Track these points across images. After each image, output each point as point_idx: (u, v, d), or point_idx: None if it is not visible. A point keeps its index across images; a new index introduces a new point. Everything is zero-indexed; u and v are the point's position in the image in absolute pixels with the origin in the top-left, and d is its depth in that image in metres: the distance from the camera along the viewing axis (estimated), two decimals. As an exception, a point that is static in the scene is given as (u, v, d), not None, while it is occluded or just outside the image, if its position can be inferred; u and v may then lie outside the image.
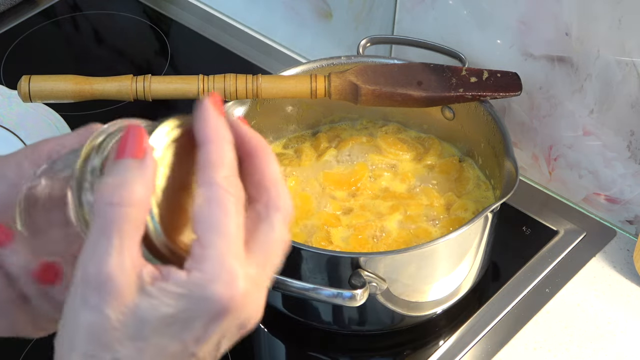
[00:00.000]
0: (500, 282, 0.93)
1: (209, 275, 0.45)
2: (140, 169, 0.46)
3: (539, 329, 0.89)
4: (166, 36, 1.20)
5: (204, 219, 0.46)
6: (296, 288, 0.78)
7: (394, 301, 0.83)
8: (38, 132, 1.02)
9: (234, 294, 0.45)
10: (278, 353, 0.93)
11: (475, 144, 0.95)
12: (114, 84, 0.87)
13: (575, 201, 1.00)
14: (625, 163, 0.92)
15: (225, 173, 0.46)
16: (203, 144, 0.47)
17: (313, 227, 0.89)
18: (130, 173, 0.45)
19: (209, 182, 0.46)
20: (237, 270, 0.45)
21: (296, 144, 0.99)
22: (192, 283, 0.45)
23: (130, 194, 0.45)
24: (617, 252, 0.96)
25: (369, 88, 0.89)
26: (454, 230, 0.80)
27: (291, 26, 1.16)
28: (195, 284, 0.45)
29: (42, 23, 1.22)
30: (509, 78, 0.91)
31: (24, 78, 0.87)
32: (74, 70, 0.90)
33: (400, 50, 1.05)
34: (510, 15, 0.91)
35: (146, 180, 0.46)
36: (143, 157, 0.46)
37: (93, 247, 0.45)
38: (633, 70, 0.85)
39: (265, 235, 0.48)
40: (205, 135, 0.47)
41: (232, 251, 0.46)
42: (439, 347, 0.88)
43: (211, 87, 0.87)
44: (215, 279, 0.45)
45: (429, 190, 0.93)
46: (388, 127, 1.00)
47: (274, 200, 0.48)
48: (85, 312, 0.45)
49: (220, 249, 0.45)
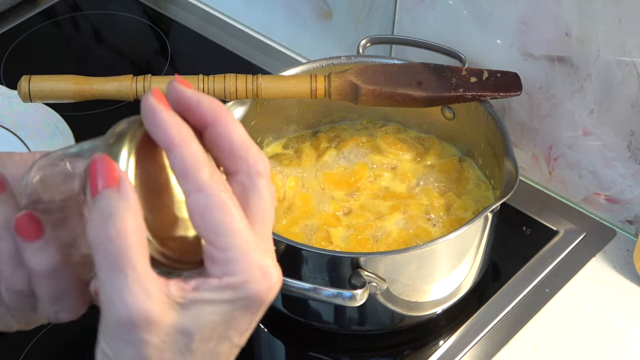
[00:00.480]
0: (500, 282, 0.93)
1: (243, 277, 0.46)
2: (122, 197, 0.45)
3: (539, 329, 0.89)
4: (166, 36, 1.20)
5: (211, 225, 0.45)
6: (296, 288, 0.78)
7: (394, 301, 0.83)
8: (38, 132, 1.02)
9: (271, 286, 0.46)
10: (278, 353, 0.93)
11: (475, 144, 0.95)
12: (114, 84, 0.87)
13: (575, 201, 1.00)
14: (625, 163, 0.92)
15: (207, 172, 0.46)
16: (170, 149, 0.46)
17: (313, 227, 0.89)
18: (114, 204, 0.44)
19: (199, 188, 0.45)
20: (266, 263, 0.46)
21: (296, 144, 0.99)
22: (229, 287, 0.46)
23: (123, 224, 0.44)
24: (617, 252, 0.96)
25: (369, 88, 0.89)
26: (454, 230, 0.80)
27: (291, 26, 1.16)
28: (232, 288, 0.46)
29: (42, 23, 1.22)
30: (509, 78, 0.91)
31: (24, 78, 0.87)
32: (74, 70, 0.90)
33: (400, 50, 1.05)
34: (510, 15, 0.91)
35: (132, 206, 0.45)
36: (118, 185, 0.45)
37: (112, 286, 0.44)
38: (633, 70, 0.85)
39: (259, 206, 0.48)
40: (170, 142, 0.46)
41: (251, 246, 0.46)
42: (439, 347, 0.88)
43: (211, 87, 0.87)
44: (250, 278, 0.46)
45: (429, 190, 0.93)
46: (388, 127, 1.00)
47: (253, 166, 0.47)
48: (129, 349, 0.45)
49: (241, 248, 0.45)
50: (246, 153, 0.47)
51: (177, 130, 0.46)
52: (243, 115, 0.92)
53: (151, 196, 0.47)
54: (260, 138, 0.97)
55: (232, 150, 0.47)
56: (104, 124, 0.51)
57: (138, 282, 0.44)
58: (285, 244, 0.79)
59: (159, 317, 0.44)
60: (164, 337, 0.45)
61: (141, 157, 0.47)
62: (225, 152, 0.47)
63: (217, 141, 0.48)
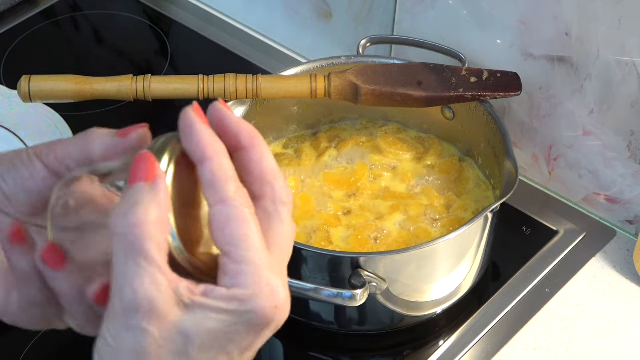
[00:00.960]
0: (500, 282, 0.93)
1: (251, 290, 0.46)
2: (153, 191, 0.46)
3: (539, 329, 0.89)
4: (166, 36, 1.20)
5: (229, 237, 0.46)
6: (296, 288, 0.78)
7: (394, 301, 0.83)
8: (38, 132, 1.02)
9: (278, 305, 0.47)
10: (277, 353, 0.93)
11: (475, 144, 0.95)
12: (114, 84, 0.87)
13: (575, 201, 1.00)
14: (625, 163, 0.92)
15: (234, 187, 0.47)
16: (202, 162, 0.47)
17: (313, 227, 0.89)
18: (143, 195, 0.46)
19: (223, 200, 0.46)
20: (276, 282, 0.47)
21: (296, 144, 0.99)
22: (236, 298, 0.46)
23: (145, 214, 0.45)
24: (617, 252, 0.96)
25: (369, 88, 0.89)
26: (454, 230, 0.80)
27: (291, 26, 1.16)
28: (239, 299, 0.46)
29: (42, 23, 1.22)
30: (509, 78, 0.91)
31: (24, 78, 0.86)
32: (74, 70, 0.90)
33: (400, 50, 1.05)
34: (510, 15, 0.91)
35: (160, 199, 0.46)
36: (154, 180, 0.46)
37: (123, 273, 0.45)
38: (633, 70, 0.85)
39: (279, 232, 0.49)
40: (202, 154, 0.47)
41: (264, 263, 0.47)
42: (439, 347, 0.88)
43: (211, 87, 0.87)
44: (258, 293, 0.46)
45: (429, 190, 0.93)
46: (388, 127, 1.00)
47: (279, 194, 0.49)
48: (129, 336, 0.45)
49: (254, 263, 0.46)
50: (274, 180, 0.49)
51: (211, 144, 0.47)
52: (243, 115, 0.92)
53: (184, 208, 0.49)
54: (260, 138, 0.97)
55: (261, 176, 0.49)
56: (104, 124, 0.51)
57: (148, 272, 0.45)
58: (285, 244, 0.79)
59: (163, 310, 0.45)
60: (164, 333, 0.45)
61: (178, 171, 0.48)
62: (254, 177, 0.49)
63: (248, 165, 0.49)
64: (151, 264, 0.45)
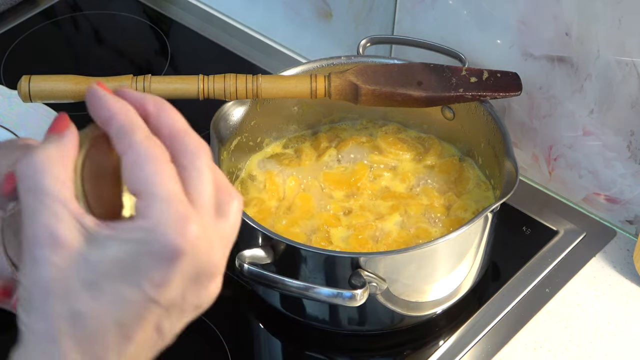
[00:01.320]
0: (500, 282, 0.93)
1: (155, 220, 0.46)
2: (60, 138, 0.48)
3: (539, 329, 0.89)
4: (166, 36, 1.20)
5: (138, 178, 0.47)
6: (296, 288, 0.78)
7: (394, 301, 0.83)
8: (38, 132, 1.02)
9: (185, 235, 0.46)
10: (277, 353, 0.93)
11: (475, 144, 0.95)
12: (114, 84, 0.87)
13: (575, 201, 1.00)
14: (625, 163, 0.92)
15: (142, 134, 0.48)
16: (110, 119, 0.49)
17: (313, 227, 0.89)
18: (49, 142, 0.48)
19: (130, 145, 0.47)
20: (185, 213, 0.47)
21: (296, 144, 0.99)
22: (140, 228, 0.46)
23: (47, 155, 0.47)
24: (617, 252, 0.96)
25: (369, 88, 0.89)
26: (454, 230, 0.80)
27: (291, 26, 1.16)
28: (142, 229, 0.46)
29: (42, 23, 1.22)
30: (509, 78, 0.91)
31: (24, 78, 0.86)
32: (74, 70, 0.90)
33: (400, 50, 1.05)
34: (510, 15, 0.91)
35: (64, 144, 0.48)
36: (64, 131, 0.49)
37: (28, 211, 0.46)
38: (633, 70, 0.85)
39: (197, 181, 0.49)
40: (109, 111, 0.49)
41: (175, 197, 0.47)
42: (439, 347, 0.88)
43: (211, 87, 0.87)
44: (163, 222, 0.46)
45: (429, 190, 0.93)
46: (388, 127, 1.00)
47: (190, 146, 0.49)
48: (34, 268, 0.46)
49: (163, 197, 0.46)
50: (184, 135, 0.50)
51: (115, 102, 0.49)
52: (243, 115, 0.92)
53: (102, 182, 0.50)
54: (260, 138, 0.97)
55: (171, 134, 0.49)
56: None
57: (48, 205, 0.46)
58: (285, 243, 0.79)
59: (66, 240, 0.46)
60: (70, 262, 0.46)
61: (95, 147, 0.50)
62: (166, 137, 0.49)
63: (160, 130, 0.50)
64: (51, 198, 0.46)
